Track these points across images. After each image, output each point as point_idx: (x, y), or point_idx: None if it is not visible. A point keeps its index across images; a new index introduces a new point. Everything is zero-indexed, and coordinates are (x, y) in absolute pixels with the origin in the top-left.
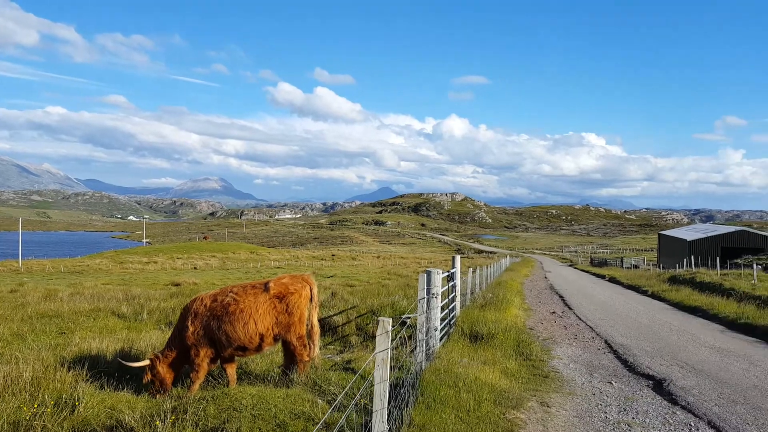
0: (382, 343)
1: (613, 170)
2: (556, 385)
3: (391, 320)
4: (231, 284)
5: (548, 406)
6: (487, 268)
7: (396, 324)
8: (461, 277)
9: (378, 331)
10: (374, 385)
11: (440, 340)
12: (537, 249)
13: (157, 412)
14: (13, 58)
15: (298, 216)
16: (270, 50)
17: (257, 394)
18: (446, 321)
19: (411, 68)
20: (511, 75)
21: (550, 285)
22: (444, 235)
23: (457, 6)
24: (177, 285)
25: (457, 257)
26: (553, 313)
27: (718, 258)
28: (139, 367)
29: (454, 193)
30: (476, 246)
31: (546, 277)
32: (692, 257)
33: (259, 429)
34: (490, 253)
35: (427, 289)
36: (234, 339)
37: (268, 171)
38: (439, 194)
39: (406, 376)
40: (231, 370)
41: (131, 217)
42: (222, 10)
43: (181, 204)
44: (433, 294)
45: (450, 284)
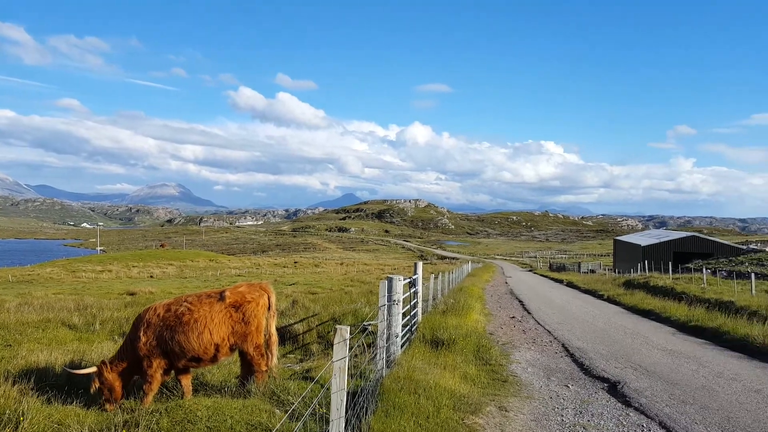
0: (339, 352)
1: (571, 177)
2: (515, 390)
3: (349, 328)
4: (186, 293)
5: (506, 411)
6: (450, 273)
7: (357, 331)
8: (424, 284)
9: (336, 340)
10: (331, 394)
11: (402, 347)
12: (498, 254)
13: (108, 426)
14: None
15: (259, 223)
16: (231, 54)
17: (213, 406)
18: (408, 327)
19: (374, 75)
20: (473, 83)
21: (511, 290)
22: (408, 241)
23: (420, 14)
24: (132, 294)
25: (419, 263)
26: (513, 317)
27: (670, 263)
28: (85, 374)
29: (417, 200)
30: (439, 252)
31: (506, 282)
32: (646, 262)
33: None
34: (453, 258)
35: (389, 296)
36: (188, 349)
37: (229, 177)
38: (402, 201)
39: (365, 384)
40: (186, 381)
41: (85, 225)
42: (181, 13)
43: (138, 211)
44: (395, 301)
45: (412, 290)
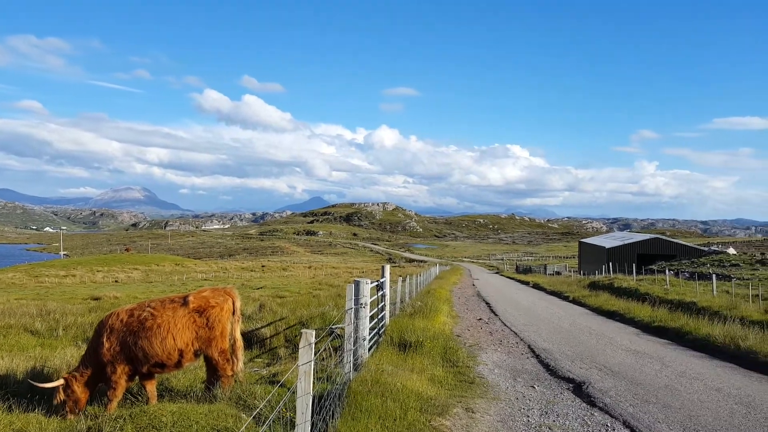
0: (305, 356)
1: (537, 180)
2: (481, 391)
3: (314, 332)
4: (151, 298)
5: (473, 412)
6: (417, 276)
7: (324, 334)
8: (391, 287)
9: (301, 343)
10: (297, 398)
11: (369, 350)
12: (466, 257)
13: None
14: None
15: (226, 227)
16: (196, 56)
17: (178, 411)
18: (375, 330)
19: (342, 78)
20: (440, 87)
21: (478, 292)
22: (376, 244)
23: (386, 17)
24: (97, 299)
25: (387, 266)
26: (480, 319)
27: (634, 264)
28: (52, 387)
29: (385, 203)
30: (407, 255)
31: (474, 285)
32: (610, 264)
33: None
34: (421, 261)
35: (356, 299)
36: (152, 355)
37: (194, 180)
38: (370, 204)
39: (332, 387)
40: (151, 387)
41: (47, 229)
42: (145, 14)
43: (102, 215)
44: (362, 304)
45: (379, 293)
